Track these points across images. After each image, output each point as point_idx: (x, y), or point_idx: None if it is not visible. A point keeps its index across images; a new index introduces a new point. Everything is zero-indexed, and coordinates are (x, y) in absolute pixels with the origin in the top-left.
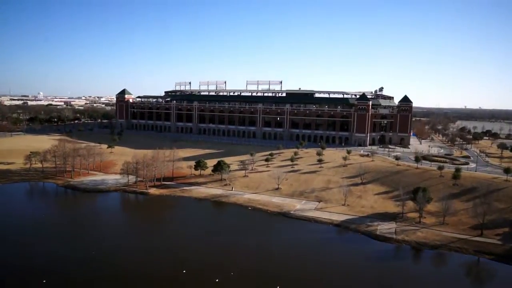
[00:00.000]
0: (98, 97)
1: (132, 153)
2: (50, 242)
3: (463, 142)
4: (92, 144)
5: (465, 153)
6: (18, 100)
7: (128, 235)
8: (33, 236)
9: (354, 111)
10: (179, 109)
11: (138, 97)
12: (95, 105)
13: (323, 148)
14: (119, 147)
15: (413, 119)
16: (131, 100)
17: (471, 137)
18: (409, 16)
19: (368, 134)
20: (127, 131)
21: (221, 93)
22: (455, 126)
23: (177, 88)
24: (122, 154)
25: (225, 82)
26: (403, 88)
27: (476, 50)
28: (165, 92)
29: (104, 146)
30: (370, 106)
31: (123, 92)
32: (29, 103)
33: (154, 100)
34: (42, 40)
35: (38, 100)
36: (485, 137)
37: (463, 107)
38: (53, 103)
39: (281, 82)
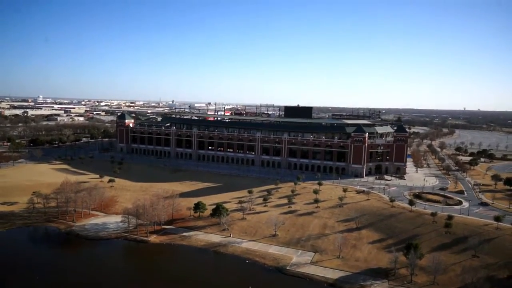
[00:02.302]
0: (98, 101)
1: (133, 187)
2: None
3: (458, 169)
4: (93, 176)
5: (459, 185)
6: (18, 108)
7: None
8: None
9: (351, 143)
10: (179, 135)
11: (139, 120)
12: (95, 113)
13: (320, 184)
14: (120, 179)
15: (411, 129)
16: (131, 125)
17: (467, 160)
18: (409, 17)
19: (365, 165)
20: (127, 157)
21: (220, 118)
22: (452, 143)
23: (176, 110)
24: (123, 189)
25: (224, 106)
26: (403, 90)
27: (476, 52)
28: (165, 114)
29: (105, 179)
30: (367, 138)
31: (123, 116)
32: (30, 112)
33: (154, 124)
34: (42, 40)
35: (38, 108)
36: (481, 159)
37: (463, 109)
38: (53, 111)
39: (279, 108)
